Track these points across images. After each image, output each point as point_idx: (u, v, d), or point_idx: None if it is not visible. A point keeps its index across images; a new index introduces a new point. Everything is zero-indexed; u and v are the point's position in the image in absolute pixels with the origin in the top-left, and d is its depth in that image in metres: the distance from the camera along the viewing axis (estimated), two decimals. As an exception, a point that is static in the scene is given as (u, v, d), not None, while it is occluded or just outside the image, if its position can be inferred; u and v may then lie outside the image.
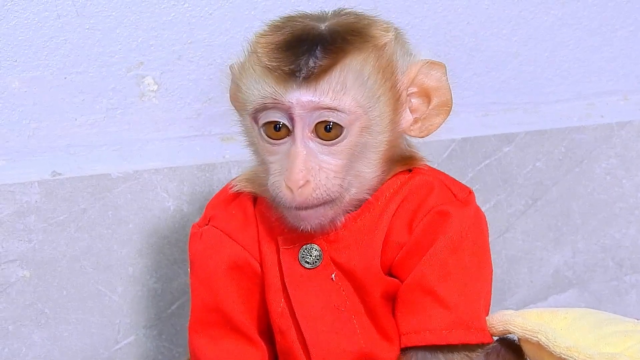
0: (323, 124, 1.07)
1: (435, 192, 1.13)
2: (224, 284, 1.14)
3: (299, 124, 1.07)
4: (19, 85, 1.38)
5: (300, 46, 1.07)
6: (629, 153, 1.58)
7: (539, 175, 1.56)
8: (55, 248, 1.40)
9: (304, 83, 1.06)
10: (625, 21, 1.58)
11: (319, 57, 1.06)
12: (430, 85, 1.13)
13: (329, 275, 1.12)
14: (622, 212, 1.59)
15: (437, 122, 1.14)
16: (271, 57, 1.08)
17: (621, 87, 1.60)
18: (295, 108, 1.07)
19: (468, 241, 1.12)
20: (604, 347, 1.10)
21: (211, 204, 1.20)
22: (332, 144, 1.08)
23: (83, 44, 1.39)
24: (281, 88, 1.07)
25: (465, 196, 1.14)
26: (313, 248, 1.12)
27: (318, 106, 1.07)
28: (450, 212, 1.11)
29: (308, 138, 1.08)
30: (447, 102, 1.14)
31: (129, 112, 1.43)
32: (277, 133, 1.09)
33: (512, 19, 1.54)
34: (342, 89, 1.07)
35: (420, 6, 1.50)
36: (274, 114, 1.08)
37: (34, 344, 1.41)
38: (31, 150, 1.40)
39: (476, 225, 1.13)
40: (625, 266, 1.60)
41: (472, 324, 1.11)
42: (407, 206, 1.12)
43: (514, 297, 1.57)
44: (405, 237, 1.11)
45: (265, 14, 1.44)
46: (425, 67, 1.12)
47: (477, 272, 1.13)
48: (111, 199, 1.41)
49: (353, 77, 1.07)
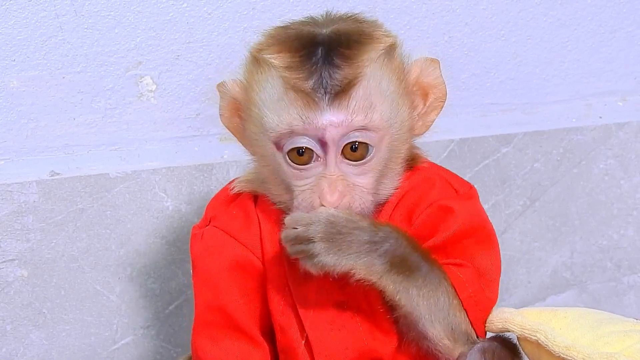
0: (350, 144, 1.05)
1: (437, 188, 1.13)
2: (226, 283, 1.13)
3: (332, 147, 1.05)
4: (17, 84, 1.38)
5: (316, 53, 1.04)
6: (627, 154, 1.58)
7: (537, 176, 1.56)
8: (54, 248, 1.40)
9: (334, 102, 1.04)
10: (623, 22, 1.58)
11: (338, 64, 1.03)
12: (429, 82, 1.13)
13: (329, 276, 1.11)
14: (620, 212, 1.59)
15: (433, 117, 1.14)
16: (290, 69, 1.04)
17: (619, 88, 1.60)
18: (328, 131, 1.04)
19: (472, 232, 1.12)
20: (602, 347, 1.10)
21: (211, 204, 1.19)
22: (361, 163, 1.06)
23: (81, 43, 1.39)
24: (311, 110, 1.04)
25: (467, 191, 1.14)
26: None
27: (350, 126, 1.04)
28: (452, 208, 1.11)
29: (340, 161, 1.06)
30: (443, 97, 1.13)
31: (127, 112, 1.43)
32: (301, 158, 1.06)
33: (510, 20, 1.54)
34: (370, 105, 1.05)
35: (419, 7, 1.50)
36: (302, 140, 1.05)
37: (32, 343, 1.41)
38: (29, 150, 1.40)
39: (480, 218, 1.14)
40: (623, 267, 1.60)
41: (481, 302, 1.11)
42: (407, 200, 1.12)
43: (512, 297, 1.57)
44: (405, 228, 1.11)
45: (264, 14, 1.44)
46: (425, 65, 1.12)
47: (484, 257, 1.12)
48: (109, 198, 1.41)
49: (376, 89, 1.06)
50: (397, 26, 1.48)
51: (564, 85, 1.58)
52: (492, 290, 1.13)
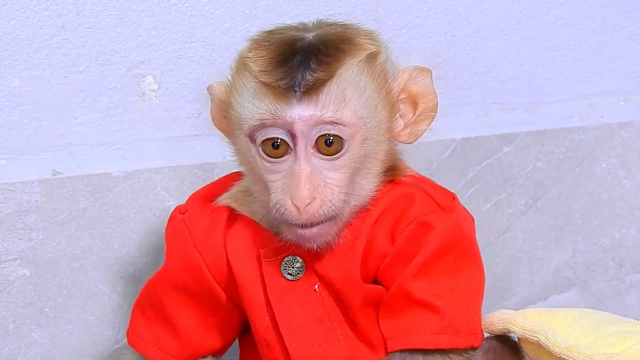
0: (323, 138, 1.05)
1: (417, 203, 1.12)
2: (174, 279, 1.17)
3: (301, 140, 1.05)
4: (19, 84, 1.38)
5: (294, 58, 1.05)
6: (629, 153, 1.58)
7: (539, 175, 1.56)
8: (56, 247, 1.40)
9: (303, 97, 1.04)
10: (625, 21, 1.58)
11: (315, 68, 1.04)
12: (418, 91, 1.12)
13: (312, 286, 1.12)
14: (622, 212, 1.59)
15: (423, 128, 1.13)
16: (265, 72, 1.05)
17: (622, 87, 1.60)
18: (297, 124, 1.04)
19: (452, 247, 1.11)
20: (603, 347, 1.10)
21: (194, 195, 1.20)
22: (334, 158, 1.06)
23: (84, 42, 1.39)
24: (281, 105, 1.05)
25: (449, 203, 1.13)
26: (296, 260, 1.12)
27: (320, 121, 1.05)
28: (432, 223, 1.10)
29: (310, 154, 1.06)
30: (434, 107, 1.13)
31: (129, 111, 1.43)
32: (276, 151, 1.06)
33: (512, 19, 1.54)
34: (342, 102, 1.05)
35: (421, 6, 1.50)
36: (273, 131, 1.06)
37: (34, 342, 1.41)
38: (31, 149, 1.40)
39: (460, 231, 1.12)
40: (625, 266, 1.60)
41: (462, 327, 1.10)
42: (388, 217, 1.11)
43: (514, 296, 1.57)
44: (388, 246, 1.11)
45: (266, 13, 1.44)
46: (414, 73, 1.11)
47: (464, 276, 1.12)
48: (111, 198, 1.41)
49: (351, 88, 1.06)
50: (399, 25, 1.49)
51: (566, 84, 1.58)
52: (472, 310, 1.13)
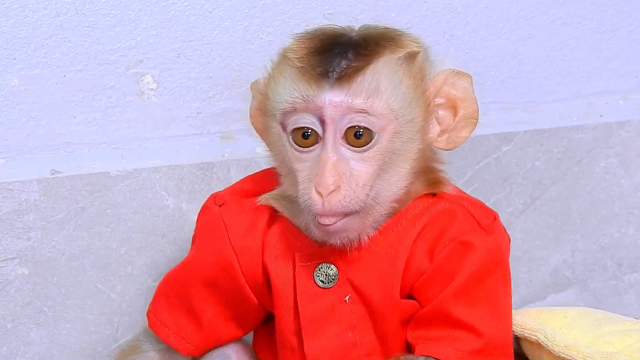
0: (353, 130, 1.04)
1: (458, 221, 1.10)
2: (204, 273, 1.15)
3: (330, 127, 1.04)
4: (18, 83, 1.38)
5: (333, 49, 1.05)
6: (628, 152, 1.58)
7: (538, 175, 1.56)
8: (54, 246, 1.40)
9: (336, 84, 1.04)
10: (624, 21, 1.58)
11: (352, 58, 1.04)
12: (457, 95, 1.10)
13: (343, 296, 1.10)
14: (621, 211, 1.59)
15: (464, 135, 1.11)
16: (303, 59, 1.05)
17: (620, 86, 1.60)
18: (327, 109, 1.04)
19: (492, 270, 1.09)
20: (602, 346, 1.10)
21: (233, 189, 1.19)
22: (363, 150, 1.05)
23: (82, 42, 1.39)
24: (313, 89, 1.04)
25: (490, 222, 1.11)
26: (330, 267, 1.10)
27: (350, 108, 1.04)
28: (473, 244, 1.08)
29: (339, 143, 1.04)
30: (474, 114, 1.11)
31: (128, 111, 1.43)
32: (306, 141, 1.05)
33: (511, 18, 1.54)
34: (375, 91, 1.04)
35: (419, 5, 1.50)
36: (304, 118, 1.05)
37: (33, 342, 1.41)
38: (30, 148, 1.40)
39: (499, 253, 1.11)
40: (624, 265, 1.60)
41: (496, 351, 1.08)
42: (428, 233, 1.09)
43: (513, 296, 1.55)
44: (426, 264, 1.09)
45: (265, 12, 1.44)
46: (451, 76, 1.10)
47: (501, 299, 1.11)
48: (110, 197, 1.41)
49: (386, 79, 1.05)
50: (398, 24, 1.48)
51: (565, 83, 1.58)
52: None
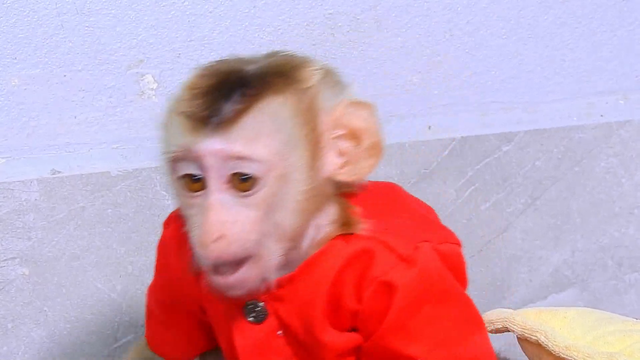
0: (238, 175, 0.99)
1: (377, 260, 1.04)
2: (159, 294, 1.20)
3: (212, 174, 0.99)
4: (18, 82, 1.38)
5: (221, 90, 0.99)
6: (628, 152, 1.58)
7: (538, 174, 1.56)
8: (55, 246, 1.40)
9: (217, 129, 0.98)
10: (624, 21, 1.58)
11: (237, 100, 0.98)
12: (358, 125, 1.03)
13: (275, 330, 1.07)
14: (621, 211, 1.59)
15: (369, 164, 1.04)
16: (188, 102, 1.00)
17: (621, 86, 1.60)
18: (206, 158, 0.98)
19: (424, 299, 1.04)
20: (602, 346, 1.10)
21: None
22: (248, 195, 0.99)
23: (83, 41, 1.39)
24: (193, 136, 0.98)
25: (411, 252, 1.04)
26: (257, 304, 1.07)
27: (230, 155, 0.98)
28: (393, 283, 1.03)
29: (223, 189, 0.99)
30: (378, 143, 1.03)
31: (128, 110, 1.43)
32: (194, 185, 1.00)
33: (511, 18, 1.54)
34: (257, 135, 0.99)
35: (420, 5, 1.50)
36: (187, 165, 1.00)
37: (33, 341, 1.41)
38: (30, 148, 1.40)
39: (428, 280, 1.05)
40: (624, 265, 1.60)
41: None
42: (349, 275, 1.04)
43: (513, 296, 1.57)
44: (356, 305, 1.04)
45: (265, 12, 1.44)
46: (350, 106, 1.03)
47: (449, 321, 1.05)
48: (110, 197, 1.41)
49: (269, 121, 0.99)
50: (398, 24, 1.49)
51: (565, 83, 1.58)
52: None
